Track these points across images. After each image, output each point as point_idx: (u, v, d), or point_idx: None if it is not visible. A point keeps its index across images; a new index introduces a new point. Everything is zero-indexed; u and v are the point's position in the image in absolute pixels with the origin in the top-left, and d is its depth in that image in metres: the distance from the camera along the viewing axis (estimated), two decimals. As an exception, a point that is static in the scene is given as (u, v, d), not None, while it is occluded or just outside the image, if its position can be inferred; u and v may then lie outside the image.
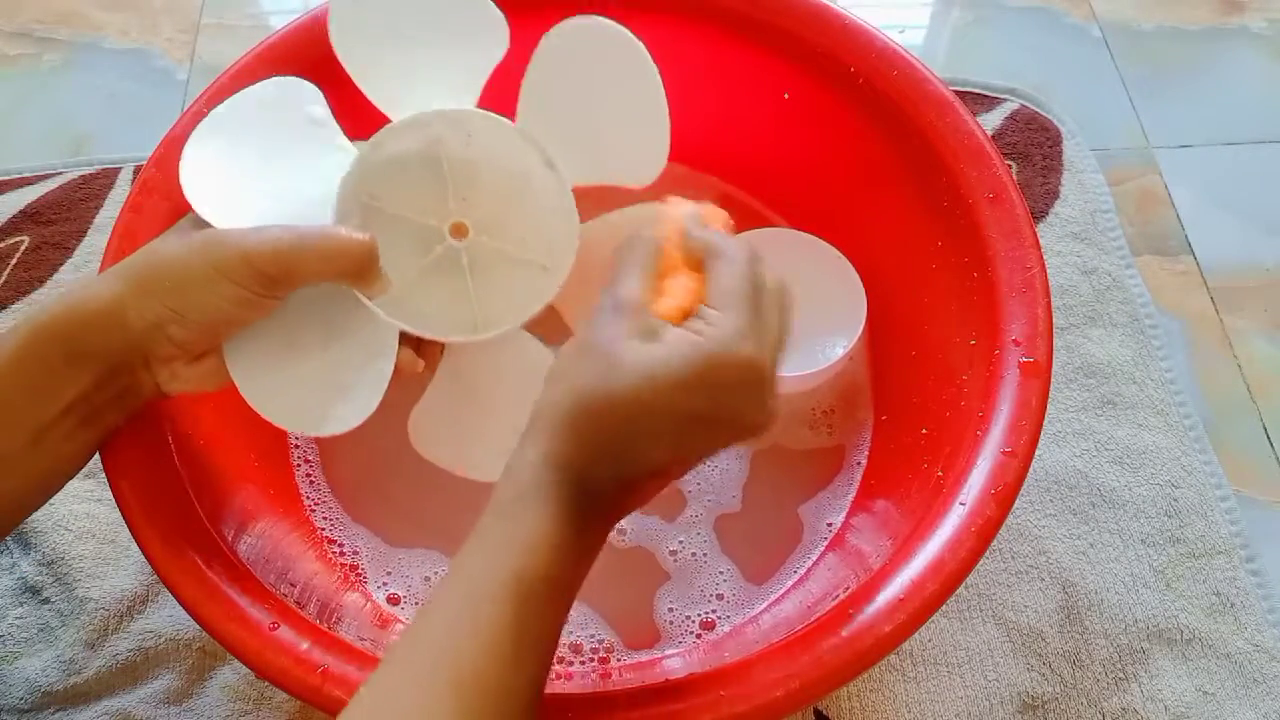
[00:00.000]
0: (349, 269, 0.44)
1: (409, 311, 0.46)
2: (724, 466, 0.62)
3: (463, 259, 0.47)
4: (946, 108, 0.57)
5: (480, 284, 0.47)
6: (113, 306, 0.42)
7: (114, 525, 0.63)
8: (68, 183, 0.78)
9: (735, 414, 0.39)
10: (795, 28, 0.61)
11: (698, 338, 0.39)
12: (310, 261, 0.43)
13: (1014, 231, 0.53)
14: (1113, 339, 0.71)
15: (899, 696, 0.59)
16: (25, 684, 0.58)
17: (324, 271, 0.43)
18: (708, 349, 0.38)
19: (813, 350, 0.64)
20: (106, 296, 0.42)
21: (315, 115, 0.48)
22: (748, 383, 0.39)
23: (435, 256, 0.47)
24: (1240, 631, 0.61)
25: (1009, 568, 0.63)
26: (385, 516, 0.61)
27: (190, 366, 0.45)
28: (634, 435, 0.38)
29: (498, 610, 0.37)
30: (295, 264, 0.43)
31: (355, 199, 0.46)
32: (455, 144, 0.47)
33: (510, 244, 0.47)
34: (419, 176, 0.47)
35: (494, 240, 0.47)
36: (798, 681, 0.42)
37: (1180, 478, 0.66)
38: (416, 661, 0.36)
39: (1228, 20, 0.90)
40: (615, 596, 0.58)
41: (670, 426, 0.38)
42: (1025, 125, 0.81)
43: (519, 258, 0.47)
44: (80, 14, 0.89)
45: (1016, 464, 0.47)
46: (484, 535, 0.39)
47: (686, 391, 0.38)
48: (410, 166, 0.47)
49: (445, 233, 0.47)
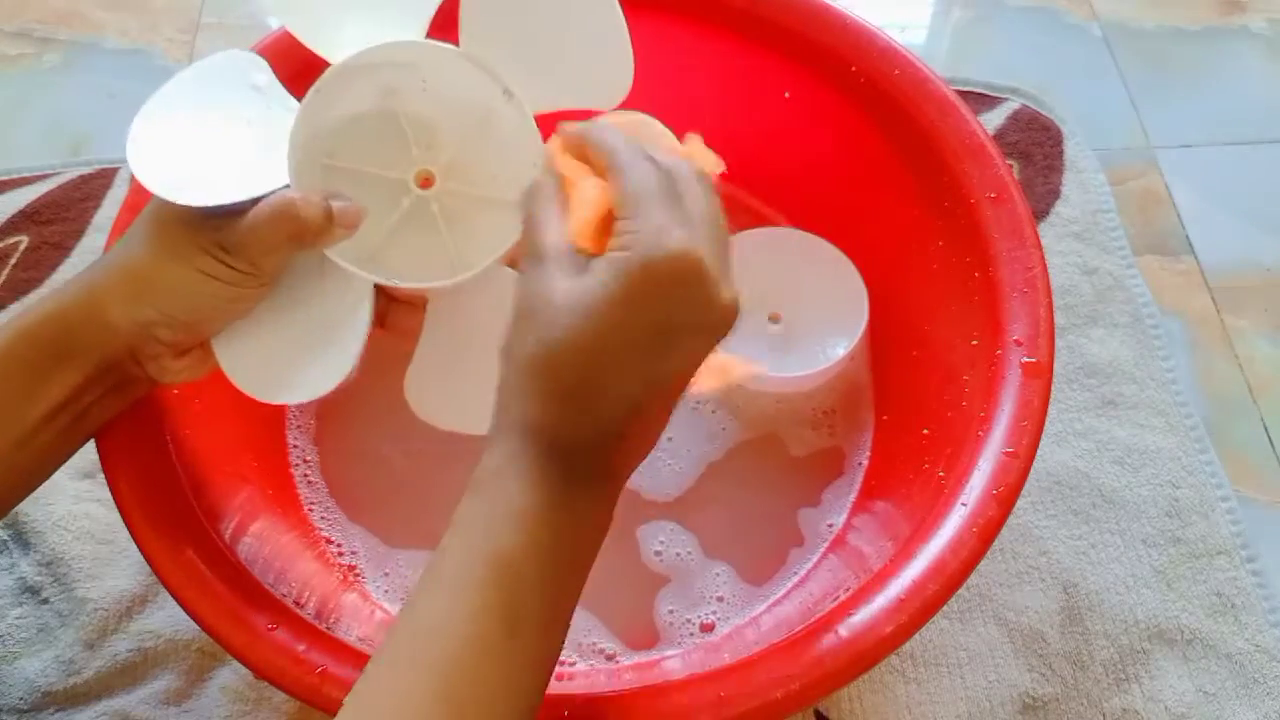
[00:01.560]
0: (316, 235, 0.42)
1: (385, 268, 0.45)
2: (724, 466, 0.62)
3: (433, 207, 0.45)
4: (948, 107, 0.57)
5: (455, 230, 0.46)
6: (98, 311, 0.42)
7: (113, 525, 0.63)
8: (67, 182, 0.78)
9: (688, 316, 0.36)
10: (796, 26, 0.61)
11: (620, 254, 0.36)
12: (280, 239, 0.42)
13: (1015, 231, 0.53)
14: (1114, 339, 0.71)
15: (900, 697, 0.58)
16: (24, 684, 0.58)
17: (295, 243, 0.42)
18: (634, 261, 0.35)
19: (813, 350, 0.64)
20: (91, 302, 0.42)
21: (259, 83, 0.46)
22: (687, 278, 0.36)
23: (405, 210, 0.45)
24: (1241, 632, 0.61)
25: (1010, 568, 0.62)
26: (383, 517, 0.61)
27: (178, 359, 0.45)
28: (595, 376, 0.36)
29: (482, 597, 0.35)
30: (267, 245, 0.42)
31: (313, 160, 0.44)
32: (411, 93, 0.45)
33: (479, 185, 0.46)
34: (377, 130, 0.45)
35: (463, 184, 0.46)
36: (798, 682, 0.42)
37: (1181, 478, 0.66)
38: (402, 660, 0.35)
39: (1228, 20, 0.90)
40: (614, 598, 0.58)
41: (628, 354, 0.36)
42: (1026, 125, 0.81)
43: (491, 197, 0.45)
44: (80, 14, 0.89)
45: (1018, 464, 0.47)
46: (461, 518, 0.37)
47: (628, 310, 0.35)
48: (367, 121, 0.45)
49: (411, 184, 0.45)
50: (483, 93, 0.45)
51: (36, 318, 0.43)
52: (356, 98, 0.45)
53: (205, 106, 0.45)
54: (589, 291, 0.36)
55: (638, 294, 0.35)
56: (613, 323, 0.35)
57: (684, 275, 0.35)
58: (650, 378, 0.36)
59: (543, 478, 0.36)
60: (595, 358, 0.36)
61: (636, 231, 0.36)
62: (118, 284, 0.43)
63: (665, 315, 0.36)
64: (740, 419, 0.64)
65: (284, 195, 0.42)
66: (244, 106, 0.45)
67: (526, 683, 0.36)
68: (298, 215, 0.42)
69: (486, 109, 0.45)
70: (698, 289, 0.36)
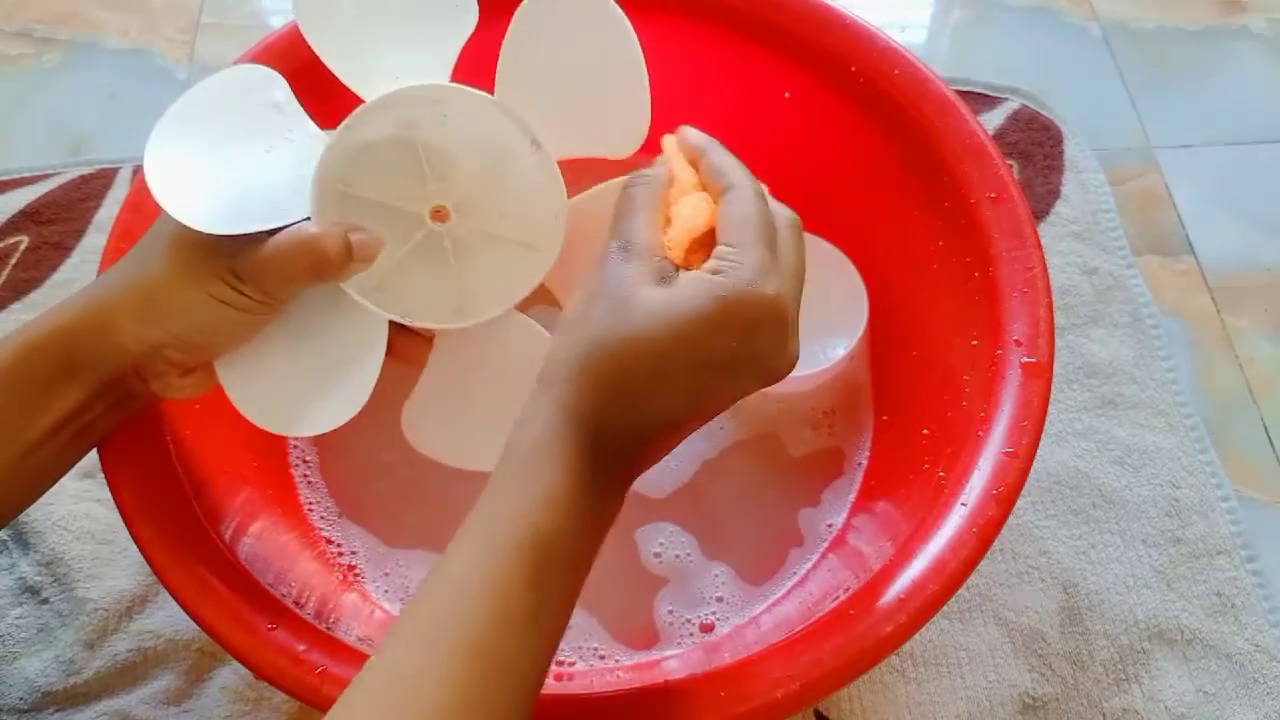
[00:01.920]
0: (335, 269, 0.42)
1: (393, 300, 0.45)
2: (723, 466, 0.62)
3: (445, 242, 0.45)
4: (948, 107, 0.57)
5: (465, 267, 0.46)
6: (106, 329, 0.42)
7: (113, 525, 0.63)
8: (67, 182, 0.78)
9: (755, 358, 0.37)
10: (796, 27, 0.61)
11: (716, 277, 0.37)
12: (299, 272, 0.42)
13: (1015, 231, 0.53)
14: (1114, 339, 0.71)
15: (900, 697, 0.58)
16: (24, 684, 0.58)
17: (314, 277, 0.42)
18: (728, 288, 0.36)
19: (813, 350, 0.64)
20: (100, 320, 0.42)
21: (277, 100, 0.46)
22: (769, 323, 0.37)
23: (417, 242, 0.45)
24: (1241, 632, 0.61)
25: (1010, 568, 0.62)
26: (383, 517, 0.61)
27: (183, 377, 0.45)
28: (650, 382, 0.36)
29: (515, 567, 0.35)
30: (285, 277, 0.42)
31: (330, 188, 0.44)
32: (430, 125, 0.45)
33: (493, 224, 0.46)
34: (394, 160, 0.45)
35: (476, 222, 0.46)
36: (798, 682, 0.42)
37: (1181, 478, 0.66)
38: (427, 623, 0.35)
39: (1228, 20, 0.90)
40: (614, 599, 0.58)
41: (687, 374, 0.37)
42: (1026, 125, 0.81)
43: (504, 238, 0.46)
44: (80, 14, 0.89)
45: (1018, 464, 0.47)
46: (499, 488, 0.37)
47: (706, 335, 0.36)
48: (384, 151, 0.45)
49: (426, 217, 0.45)
50: (504, 134, 0.45)
51: (42, 331, 0.42)
52: (376, 126, 0.45)
53: (224, 126, 0.45)
54: (674, 304, 0.36)
55: (723, 321, 0.36)
56: (690, 339, 0.36)
57: (764, 321, 0.37)
58: (699, 399, 0.38)
59: (582, 465, 0.37)
60: (661, 365, 0.36)
61: (739, 263, 0.37)
62: (128, 303, 0.42)
63: (734, 351, 0.37)
64: (739, 418, 0.64)
65: (305, 229, 0.42)
66: (264, 128, 0.45)
67: (538, 666, 0.36)
68: (319, 249, 0.41)
69: (505, 149, 0.46)
70: (776, 335, 0.37)
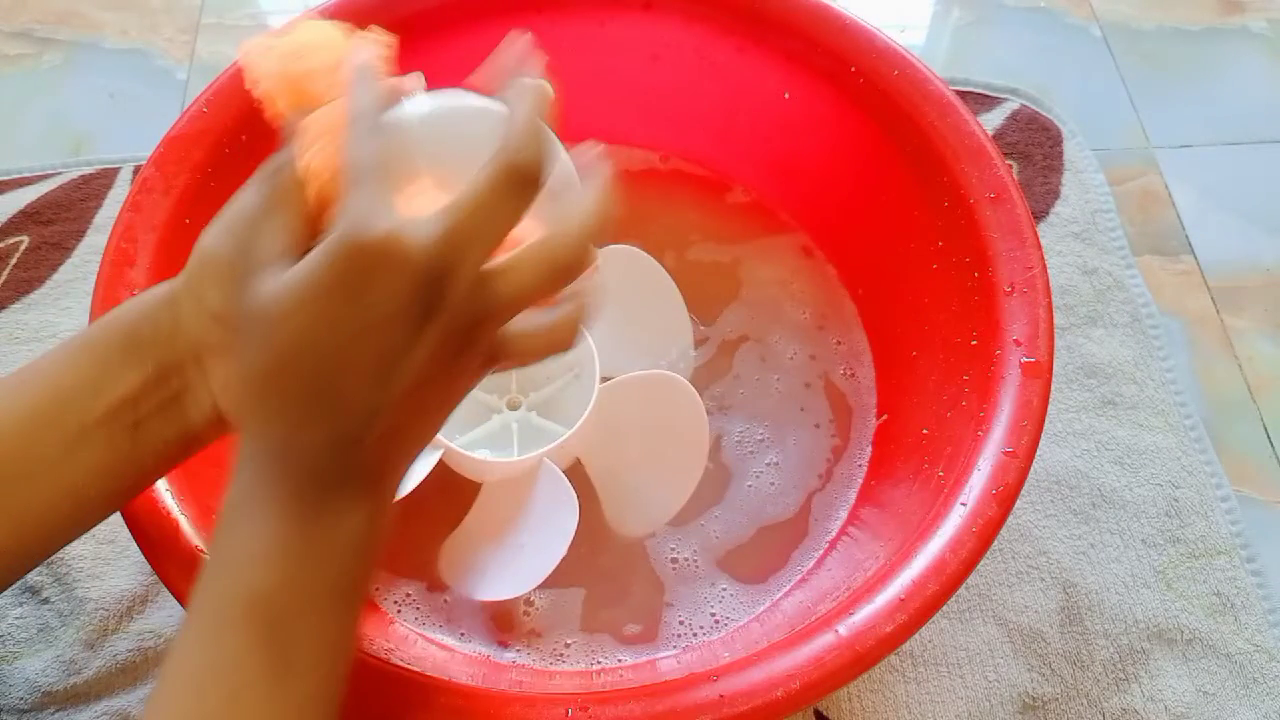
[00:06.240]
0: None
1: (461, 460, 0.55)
2: (722, 466, 0.62)
3: (513, 428, 0.56)
4: (947, 107, 0.57)
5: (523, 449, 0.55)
6: (170, 302, 0.39)
7: (113, 525, 0.62)
8: (67, 182, 0.78)
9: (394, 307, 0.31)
10: (796, 26, 0.61)
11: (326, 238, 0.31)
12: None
13: (1015, 231, 0.53)
14: (1113, 339, 0.71)
15: (899, 697, 0.58)
16: (25, 684, 0.58)
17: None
18: (328, 244, 0.30)
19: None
20: (169, 293, 0.39)
21: None
22: (384, 270, 0.30)
23: (490, 427, 0.56)
24: (1240, 632, 0.61)
25: (1009, 568, 0.63)
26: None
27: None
28: (316, 377, 0.32)
29: (242, 635, 0.31)
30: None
31: None
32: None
33: (555, 421, 0.56)
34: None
35: (542, 418, 0.57)
36: (798, 682, 0.42)
37: (1181, 478, 0.66)
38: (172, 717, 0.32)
39: (1228, 20, 0.90)
40: (614, 599, 0.58)
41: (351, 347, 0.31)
42: (1026, 125, 0.81)
43: (558, 431, 0.55)
44: (80, 14, 0.89)
45: (1017, 464, 0.47)
46: (214, 555, 0.33)
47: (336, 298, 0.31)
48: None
49: (504, 406, 0.57)
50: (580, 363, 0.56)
51: (124, 306, 0.39)
52: None
53: None
54: (290, 280, 0.31)
55: (339, 277, 0.31)
56: (316, 313, 0.31)
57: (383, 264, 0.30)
58: (382, 375, 0.32)
59: (289, 502, 0.32)
60: (314, 349, 0.31)
61: (341, 214, 0.31)
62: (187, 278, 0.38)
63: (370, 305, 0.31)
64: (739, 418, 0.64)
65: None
66: None
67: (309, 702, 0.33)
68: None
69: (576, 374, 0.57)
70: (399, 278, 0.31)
